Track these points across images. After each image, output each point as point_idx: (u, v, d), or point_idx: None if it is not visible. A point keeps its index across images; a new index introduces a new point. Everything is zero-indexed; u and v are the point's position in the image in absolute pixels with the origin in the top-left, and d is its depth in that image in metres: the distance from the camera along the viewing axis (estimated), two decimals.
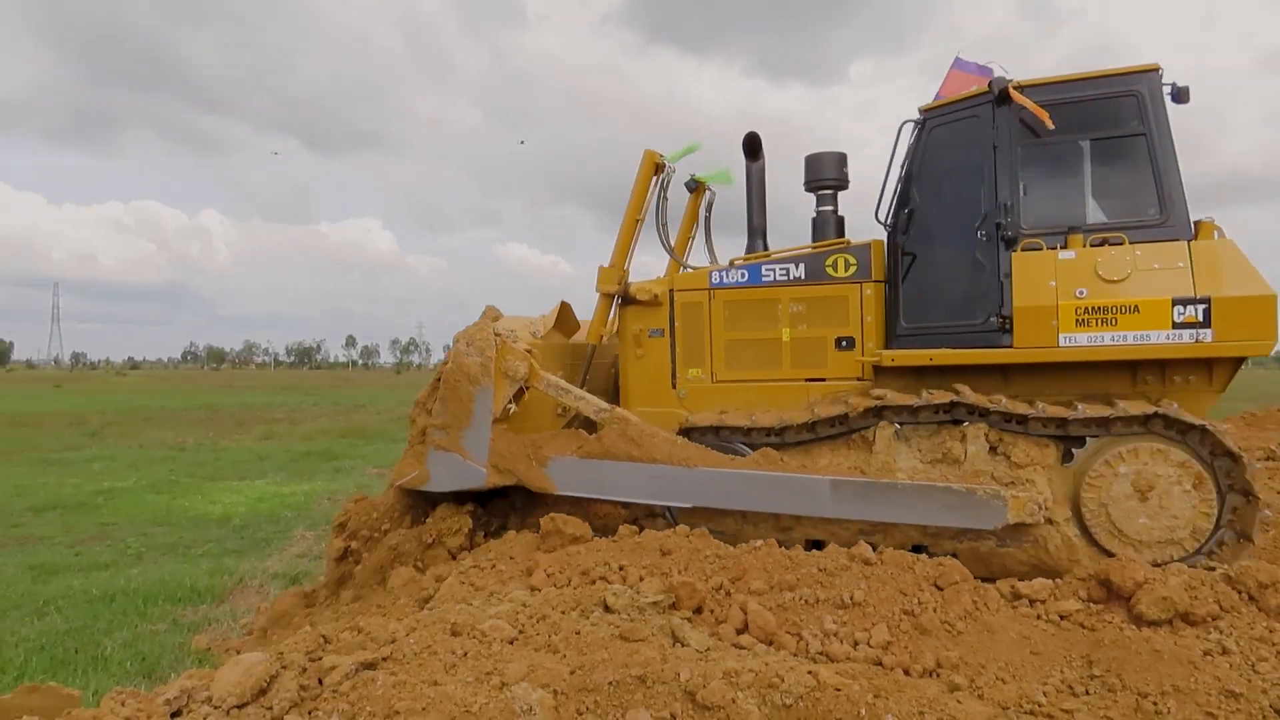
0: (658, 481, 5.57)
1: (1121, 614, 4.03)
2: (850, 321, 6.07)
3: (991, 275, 5.56)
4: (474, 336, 5.79)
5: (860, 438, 5.68)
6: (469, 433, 5.68)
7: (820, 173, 6.69)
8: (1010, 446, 5.41)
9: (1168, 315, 5.11)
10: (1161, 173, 5.35)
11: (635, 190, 6.42)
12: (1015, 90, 5.44)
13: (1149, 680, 3.54)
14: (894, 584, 4.28)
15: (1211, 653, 3.67)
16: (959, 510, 5.15)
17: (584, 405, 5.89)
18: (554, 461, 5.75)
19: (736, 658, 3.66)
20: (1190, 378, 5.34)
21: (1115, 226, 5.41)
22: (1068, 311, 5.25)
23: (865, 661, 3.83)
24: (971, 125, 5.74)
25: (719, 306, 6.35)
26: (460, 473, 5.69)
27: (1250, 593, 3.95)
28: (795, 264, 6.22)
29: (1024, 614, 4.14)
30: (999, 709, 3.41)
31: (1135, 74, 5.44)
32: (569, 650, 3.64)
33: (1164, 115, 5.41)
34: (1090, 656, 3.77)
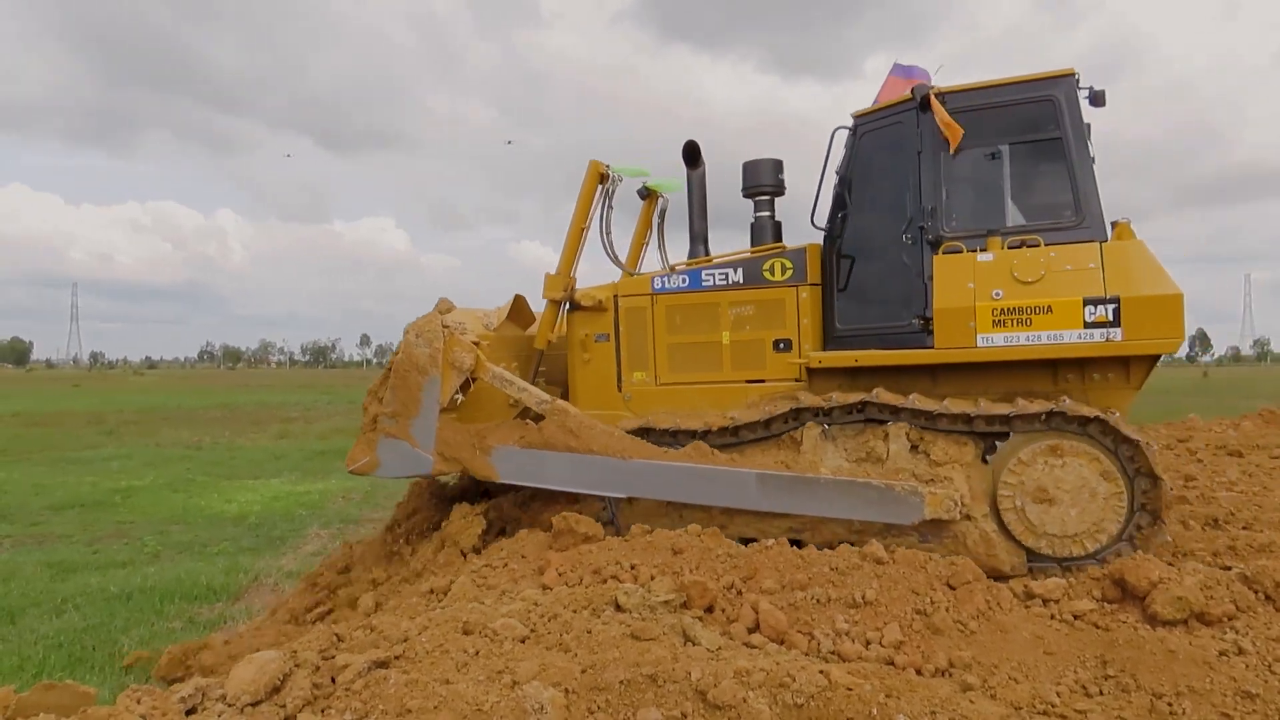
0: (595, 472, 5.71)
1: (1136, 614, 4.00)
2: (787, 324, 6.20)
3: (916, 278, 5.73)
4: (423, 328, 5.93)
5: (789, 438, 5.80)
6: (417, 421, 5.85)
7: (757, 179, 6.84)
8: (930, 445, 5.51)
9: (1079, 315, 5.23)
10: (1077, 176, 5.48)
11: (580, 200, 6.54)
12: (935, 98, 5.55)
13: (1164, 681, 3.52)
14: (906, 583, 4.27)
15: (1227, 653, 3.64)
16: (879, 505, 5.26)
17: (527, 397, 6.03)
18: (497, 450, 5.90)
19: (748, 657, 3.66)
20: (1109, 375, 5.46)
21: (1033, 229, 5.54)
22: (984, 312, 5.37)
23: (877, 661, 3.82)
24: (898, 131, 5.91)
25: (661, 311, 6.49)
26: (408, 460, 5.86)
27: (1267, 592, 3.92)
28: (734, 269, 6.37)
29: (1037, 614, 4.12)
30: (1012, 709, 3.39)
31: (1051, 79, 5.58)
32: (580, 649, 3.64)
33: (1080, 119, 5.54)
34: (1104, 656, 3.75)
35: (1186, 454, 10.97)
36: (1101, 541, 5.12)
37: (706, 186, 7.09)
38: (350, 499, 11.23)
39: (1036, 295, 5.31)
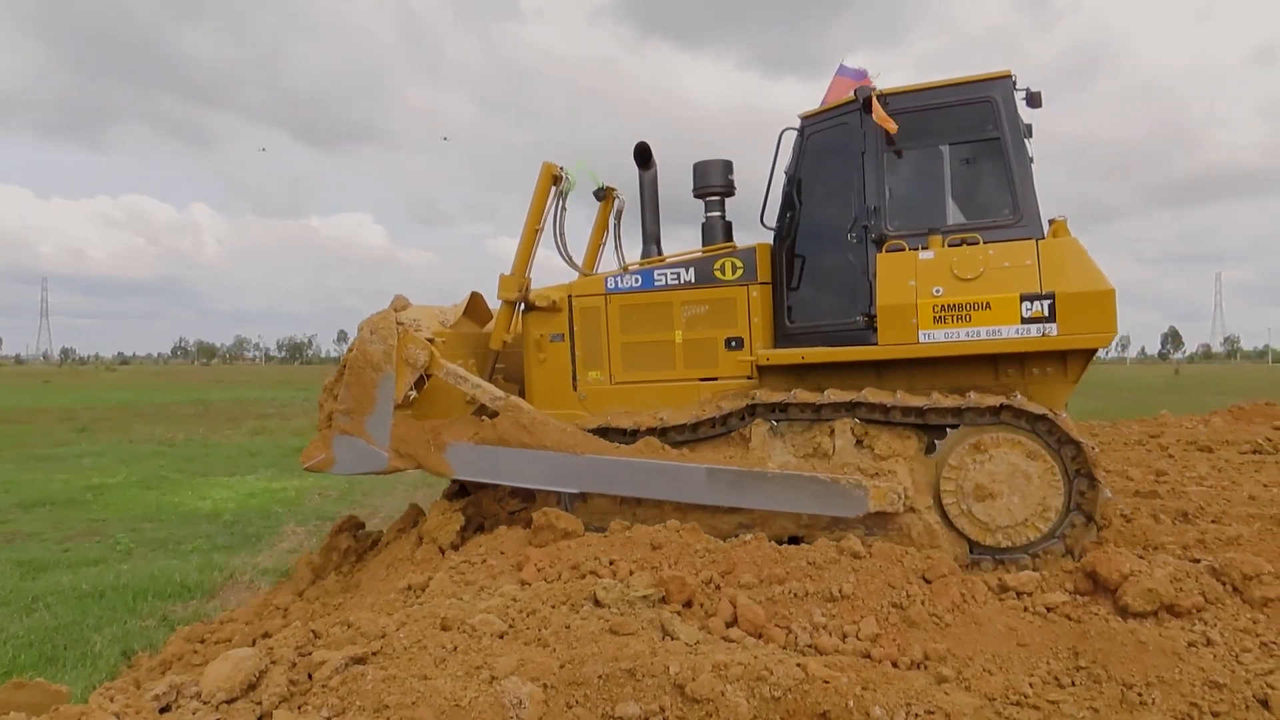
0: (547, 467, 5.77)
1: (1107, 606, 4.06)
2: (738, 322, 6.28)
3: (861, 276, 5.88)
4: (377, 325, 5.96)
5: (739, 435, 5.93)
6: (372, 418, 5.91)
7: (707, 180, 6.88)
8: (874, 439, 5.65)
9: (1016, 311, 5.36)
10: (1014, 175, 5.62)
11: (534, 201, 6.55)
12: (876, 99, 5.68)
13: (1134, 671, 3.57)
14: (882, 577, 4.30)
15: (1196, 644, 3.70)
16: (824, 499, 5.34)
17: (480, 393, 6.07)
18: (451, 446, 5.95)
19: (726, 651, 3.68)
20: (1047, 369, 5.61)
21: (972, 227, 5.67)
22: (926, 309, 5.50)
23: (854, 654, 3.85)
24: (843, 132, 6.05)
25: (615, 311, 6.55)
26: (363, 457, 5.93)
27: (1235, 584, 3.99)
28: (686, 268, 6.44)
29: (1011, 606, 4.17)
30: (985, 700, 3.43)
31: (989, 81, 5.71)
32: (559, 644, 3.65)
33: (1017, 120, 5.69)
34: (1076, 648, 3.80)
35: (1158, 449, 11.14)
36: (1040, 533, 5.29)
37: (658, 187, 7.12)
38: (327, 496, 11.16)
39: (975, 292, 5.44)
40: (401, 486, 11.02)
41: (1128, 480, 8.57)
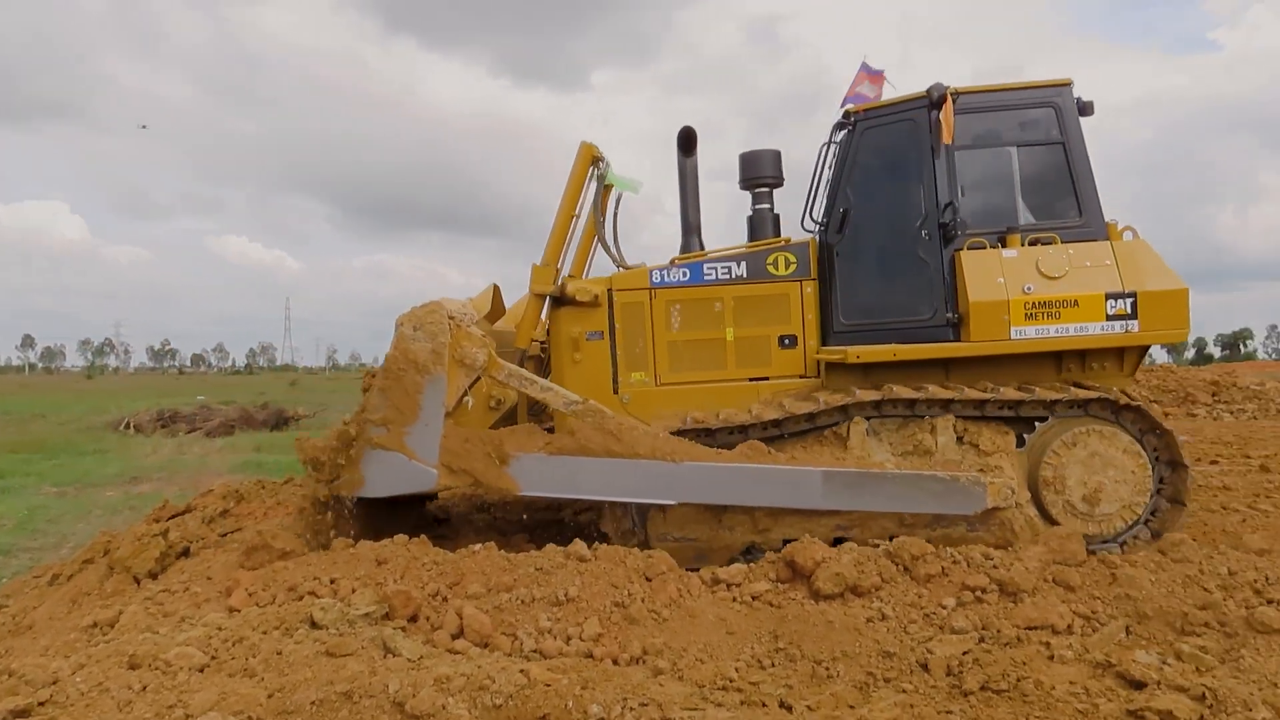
0: (640, 478, 5.24)
1: (804, 591, 4.46)
2: (792, 319, 6.15)
3: (935, 273, 5.86)
4: (423, 319, 5.26)
5: (832, 434, 5.69)
6: (415, 429, 5.16)
7: (758, 170, 6.66)
8: (976, 435, 5.64)
9: (1102, 309, 5.61)
10: (1078, 179, 5.88)
11: (570, 184, 6.12)
12: (951, 97, 5.74)
13: (823, 648, 3.97)
14: (607, 578, 4.45)
15: (873, 619, 4.18)
16: (944, 497, 5.27)
17: (551, 397, 5.54)
18: (518, 459, 5.31)
19: (450, 663, 3.64)
20: (1106, 364, 5.90)
21: (1042, 227, 5.87)
22: (1017, 306, 5.61)
23: (577, 655, 3.95)
24: (907, 128, 6.00)
25: (661, 306, 6.18)
26: (404, 475, 5.18)
27: (905, 564, 4.54)
28: (736, 262, 6.19)
29: (722, 597, 4.47)
30: (696, 688, 3.66)
31: (1051, 87, 5.95)
32: (268, 672, 3.43)
33: (1077, 126, 5.93)
34: (776, 631, 4.15)
35: None
36: (1135, 517, 5.50)
37: (699, 177, 6.73)
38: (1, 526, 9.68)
39: (1062, 290, 5.60)
40: (98, 510, 9.80)
41: None
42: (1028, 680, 3.48)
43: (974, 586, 4.35)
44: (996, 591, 4.34)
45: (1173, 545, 4.66)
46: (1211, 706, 3.17)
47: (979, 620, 4.14)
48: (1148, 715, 3.15)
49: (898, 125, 6.06)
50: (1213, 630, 3.96)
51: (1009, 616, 4.16)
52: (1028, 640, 3.94)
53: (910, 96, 6.00)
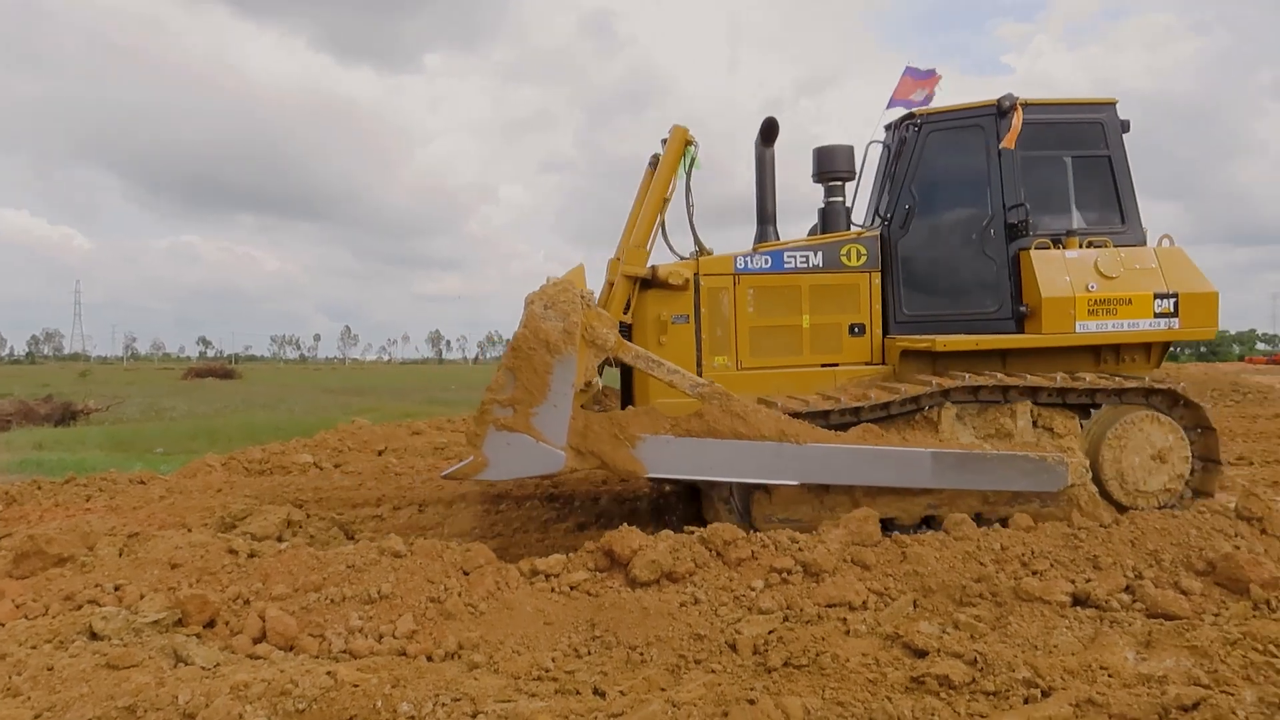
0: (765, 459, 5.33)
1: (621, 579, 4.54)
2: (861, 309, 6.46)
3: (1001, 269, 6.36)
4: (556, 298, 5.15)
5: (923, 418, 5.98)
6: (543, 409, 5.04)
7: (833, 165, 6.85)
8: (1049, 420, 6.10)
9: (1150, 307, 6.25)
10: (1121, 189, 6.52)
11: (663, 167, 6.11)
12: (1020, 107, 6.22)
13: (638, 634, 4.06)
14: (422, 573, 4.36)
15: (686, 604, 4.31)
16: (1034, 475, 5.64)
17: (678, 379, 5.57)
18: (644, 441, 5.31)
19: (249, 669, 3.45)
20: (1135, 357, 6.58)
21: (1092, 232, 6.47)
22: (1082, 303, 6.18)
23: (390, 653, 3.85)
24: (974, 133, 6.47)
25: (743, 292, 6.33)
26: (531, 457, 5.08)
27: (718, 550, 4.71)
28: (814, 252, 6.43)
29: (540, 588, 4.47)
30: (511, 679, 3.65)
31: (1100, 105, 6.56)
32: (36, 690, 3.14)
33: (1120, 141, 6.53)
34: (593, 620, 4.20)
35: None
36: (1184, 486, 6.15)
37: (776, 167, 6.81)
38: None
39: (1118, 289, 6.21)
40: None
41: None
42: (825, 654, 3.69)
43: (781, 568, 4.58)
44: (801, 572, 4.58)
45: (955, 525, 5.08)
46: (981, 669, 3.48)
47: (784, 600, 4.36)
48: (928, 681, 3.42)
49: (965, 130, 6.53)
50: (986, 600, 4.35)
51: (811, 596, 4.40)
52: (827, 617, 4.20)
53: (978, 104, 6.51)
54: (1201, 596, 4.41)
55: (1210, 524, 4.97)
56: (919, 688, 3.41)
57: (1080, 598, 4.40)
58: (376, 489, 8.36)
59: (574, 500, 7.82)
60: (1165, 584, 4.48)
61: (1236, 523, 4.99)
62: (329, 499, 7.83)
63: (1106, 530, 4.96)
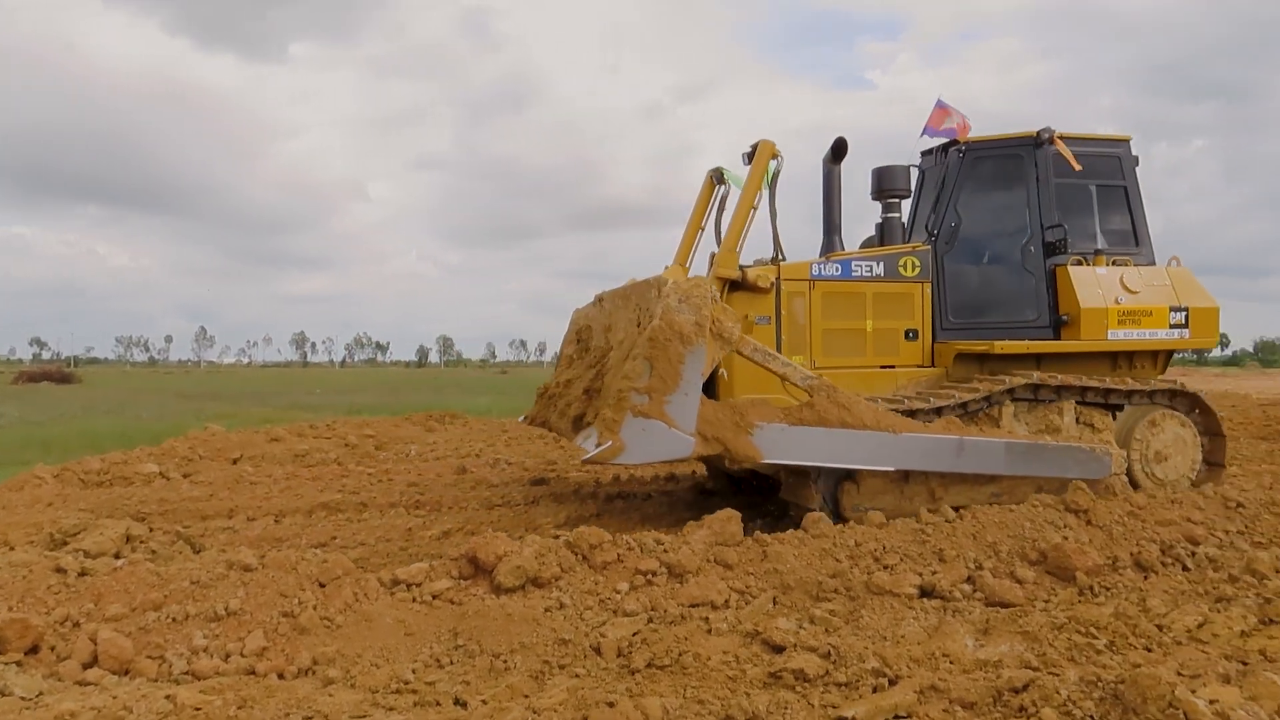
0: (867, 447, 5.73)
1: (485, 586, 4.47)
2: (915, 315, 7.04)
3: (1040, 282, 7.15)
4: (690, 292, 5.50)
5: (986, 415, 6.62)
6: (675, 398, 5.33)
7: (892, 183, 7.44)
8: (1089, 417, 6.86)
9: (1166, 319, 7.19)
10: (1135, 215, 7.47)
11: (751, 178, 6.55)
12: (1059, 140, 7.05)
13: (502, 641, 4.00)
14: (275, 587, 4.16)
15: (552, 609, 4.29)
16: (1086, 464, 6.25)
17: (791, 371, 5.95)
18: (761, 428, 5.62)
19: (77, 697, 3.21)
20: (1144, 364, 7.43)
21: (1114, 252, 7.34)
22: (1113, 313, 7.02)
23: (237, 673, 3.66)
24: (1015, 161, 7.25)
25: (818, 297, 6.83)
26: (663, 442, 5.34)
27: (584, 553, 4.71)
28: (876, 262, 6.98)
29: (401, 598, 4.35)
30: (369, 694, 3.53)
31: (1118, 140, 7.55)
32: None
33: (1134, 172, 7.50)
34: (456, 629, 4.12)
35: (552, 441, 12.69)
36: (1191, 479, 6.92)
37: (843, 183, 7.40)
38: None
39: (1141, 302, 7.11)
40: None
41: (524, 470, 9.63)
42: (688, 654, 3.75)
43: (646, 570, 4.62)
44: (665, 574, 4.64)
45: (812, 523, 5.27)
46: (834, 662, 3.62)
47: (649, 602, 4.41)
48: (784, 675, 3.53)
49: (1006, 158, 7.33)
50: (841, 595, 4.54)
51: (675, 596, 4.47)
52: (690, 617, 4.26)
53: (1018, 135, 7.28)
54: (1034, 585, 4.75)
55: (1042, 516, 5.36)
56: (776, 682, 3.51)
57: (927, 589, 4.65)
58: (229, 499, 7.94)
59: (441, 507, 7.67)
60: (1002, 574, 4.80)
61: (1065, 515, 5.39)
62: (175, 511, 7.39)
63: (951, 525, 5.27)
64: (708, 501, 7.62)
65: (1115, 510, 5.49)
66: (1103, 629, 3.96)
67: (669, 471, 9.44)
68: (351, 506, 7.63)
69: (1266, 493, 5.94)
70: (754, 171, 6.62)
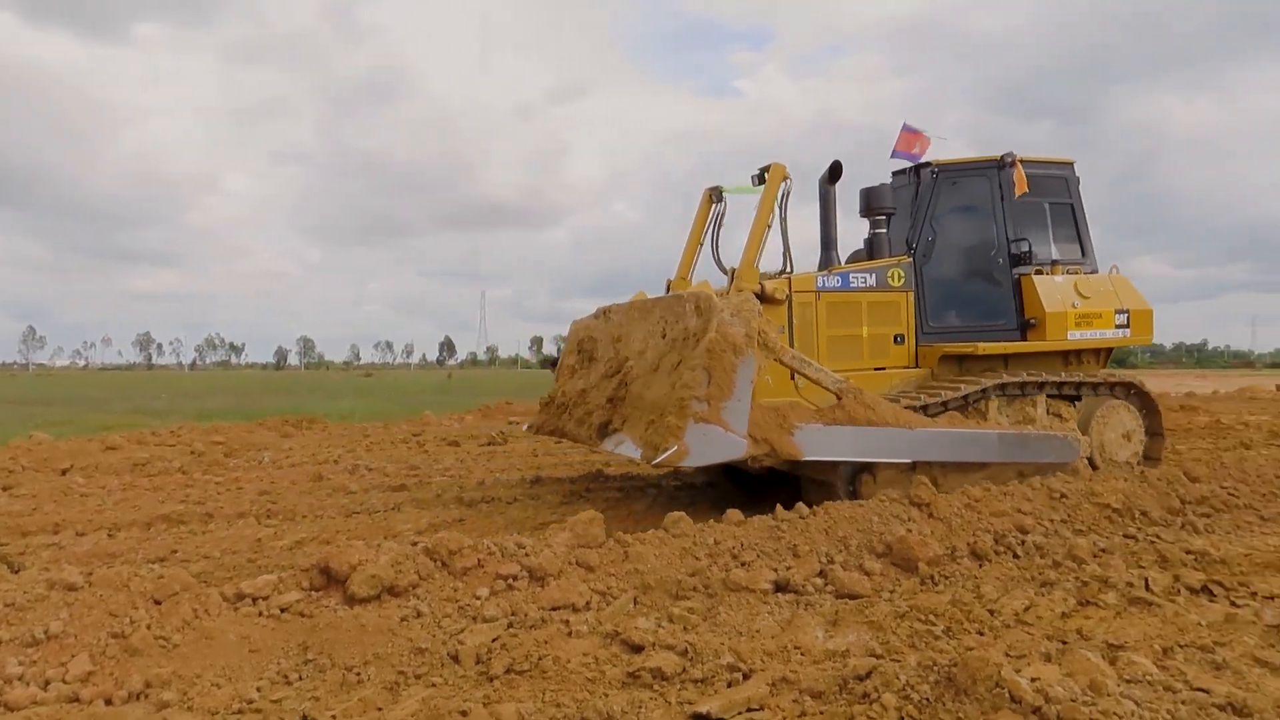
0: (889, 442, 6.39)
1: (339, 596, 4.31)
2: (901, 321, 7.78)
3: (1007, 290, 8.08)
4: (740, 306, 6.00)
5: (975, 410, 7.38)
6: (730, 404, 5.74)
7: (880, 202, 8.01)
8: (1058, 408, 7.78)
9: (1113, 321, 8.24)
10: (1081, 230, 8.49)
11: (766, 199, 7.16)
12: (1019, 163, 7.93)
13: (354, 654, 3.87)
14: (103, 607, 3.88)
15: (408, 618, 4.17)
16: (1061, 450, 7.06)
17: (823, 376, 6.50)
18: (800, 429, 6.12)
19: None
20: (1089, 360, 8.44)
21: (1066, 262, 8.31)
22: (1072, 316, 7.99)
23: (59, 701, 3.39)
24: (980, 181, 8.11)
25: (823, 307, 7.48)
26: (720, 445, 5.73)
27: (443, 560, 4.61)
28: (869, 274, 7.69)
29: (246, 613, 4.13)
30: (208, 716, 3.34)
31: (1064, 164, 8.54)
32: None
33: (1078, 192, 8.53)
34: (306, 643, 3.95)
35: (416, 446, 12.43)
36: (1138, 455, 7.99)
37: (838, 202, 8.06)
38: None
39: (1091, 306, 8.09)
40: None
41: (385, 475, 9.36)
42: (548, 658, 3.73)
43: (506, 575, 4.57)
44: (527, 578, 4.60)
45: (673, 523, 5.35)
46: (691, 659, 3.69)
47: (509, 607, 4.35)
48: (642, 674, 3.56)
49: (974, 179, 8.14)
50: (699, 593, 4.62)
51: (536, 600, 4.44)
52: (551, 620, 4.23)
53: (984, 158, 8.19)
54: (880, 576, 4.98)
55: (889, 511, 5.63)
56: (634, 682, 3.54)
57: (781, 584, 4.80)
58: (55, 513, 7.35)
59: (295, 516, 7.35)
60: (851, 566, 5.01)
61: (910, 509, 5.68)
62: None
63: (805, 521, 5.45)
64: (575, 503, 7.62)
65: (954, 503, 5.82)
66: (940, 615, 4.21)
67: (534, 475, 9.39)
68: (196, 518, 7.20)
69: (1086, 484, 6.44)
70: (768, 192, 7.28)
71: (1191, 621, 4.15)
